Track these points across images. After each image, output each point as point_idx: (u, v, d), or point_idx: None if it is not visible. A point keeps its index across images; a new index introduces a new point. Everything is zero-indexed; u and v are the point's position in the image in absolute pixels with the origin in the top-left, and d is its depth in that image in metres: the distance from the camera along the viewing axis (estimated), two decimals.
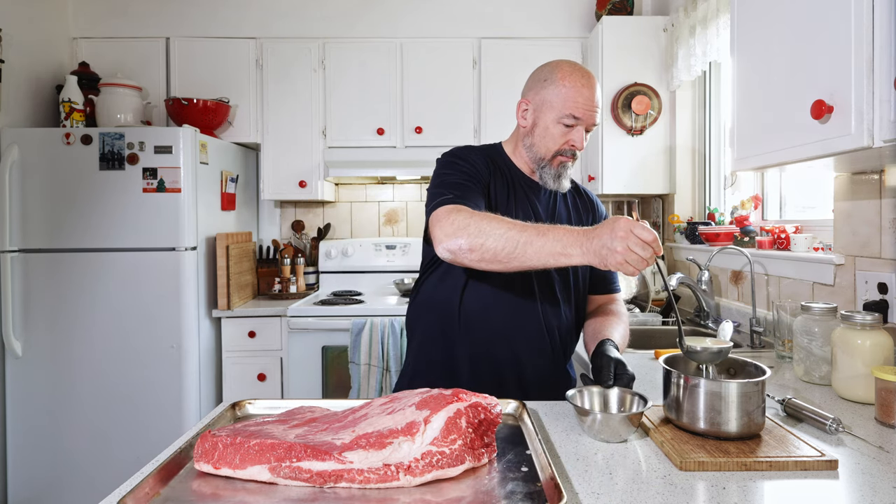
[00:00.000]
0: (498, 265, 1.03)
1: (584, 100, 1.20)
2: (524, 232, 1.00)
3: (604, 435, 0.96)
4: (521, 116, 1.29)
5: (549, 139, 1.24)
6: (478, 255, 1.03)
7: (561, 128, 1.22)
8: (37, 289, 2.40)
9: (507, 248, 1.01)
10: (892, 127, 0.95)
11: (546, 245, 0.98)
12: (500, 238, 1.01)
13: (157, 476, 0.78)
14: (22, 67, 2.60)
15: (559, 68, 1.24)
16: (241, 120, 2.91)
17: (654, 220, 2.94)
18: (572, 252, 0.97)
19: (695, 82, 2.65)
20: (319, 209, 3.30)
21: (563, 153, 1.25)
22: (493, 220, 1.03)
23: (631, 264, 0.92)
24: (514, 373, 1.27)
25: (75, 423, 2.40)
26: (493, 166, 1.28)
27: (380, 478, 0.76)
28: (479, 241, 1.02)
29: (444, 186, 1.17)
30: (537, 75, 1.28)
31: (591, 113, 1.22)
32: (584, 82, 1.21)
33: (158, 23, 2.95)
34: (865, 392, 1.15)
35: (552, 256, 0.99)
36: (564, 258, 0.98)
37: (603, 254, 0.93)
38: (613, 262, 0.93)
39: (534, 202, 1.30)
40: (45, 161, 2.39)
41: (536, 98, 1.26)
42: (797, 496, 0.78)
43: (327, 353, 2.50)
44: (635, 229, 0.92)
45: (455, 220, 1.06)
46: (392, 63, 2.92)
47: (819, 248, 1.73)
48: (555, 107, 1.22)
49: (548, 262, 0.99)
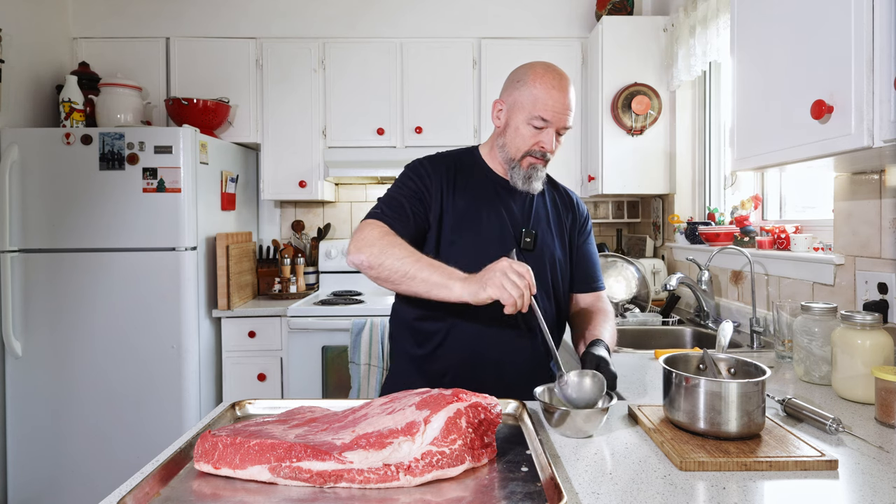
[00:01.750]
0: (390, 285, 1.14)
1: (553, 102, 1.22)
2: (417, 263, 1.10)
3: (569, 431, 0.97)
4: (495, 116, 1.32)
5: (519, 139, 1.26)
6: (375, 273, 1.14)
7: (530, 129, 1.24)
8: (37, 289, 2.40)
9: (400, 272, 1.10)
10: (892, 127, 0.95)
11: (432, 277, 1.08)
12: (397, 262, 1.11)
13: (157, 476, 0.78)
14: (22, 67, 2.60)
15: (533, 70, 1.26)
16: (241, 120, 2.91)
17: (654, 220, 2.94)
18: (452, 286, 1.06)
19: (695, 82, 2.65)
20: (319, 209, 3.30)
21: (533, 154, 1.27)
22: (396, 246, 1.13)
23: (508, 292, 0.99)
24: (495, 374, 1.27)
25: (75, 423, 2.40)
26: (458, 172, 1.31)
27: (380, 478, 0.75)
28: (379, 260, 1.12)
29: (384, 200, 1.26)
30: (513, 76, 1.30)
31: (562, 116, 1.24)
32: (555, 84, 1.23)
33: (158, 23, 2.95)
34: (865, 392, 1.15)
35: (435, 286, 1.08)
36: (445, 290, 1.07)
37: (480, 283, 1.03)
38: (491, 286, 1.01)
39: (507, 202, 1.31)
40: (45, 161, 2.39)
41: (510, 99, 1.28)
42: (797, 496, 0.78)
43: (327, 353, 2.50)
44: (513, 265, 1.02)
45: (367, 236, 1.16)
46: (392, 63, 2.92)
47: (819, 248, 1.73)
48: (525, 108, 1.24)
49: (430, 291, 1.09)
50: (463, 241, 1.26)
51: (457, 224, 1.26)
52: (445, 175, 1.29)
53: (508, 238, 1.28)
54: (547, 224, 1.34)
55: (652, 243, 2.93)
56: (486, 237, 1.27)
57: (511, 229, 1.29)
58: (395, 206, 1.23)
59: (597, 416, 0.96)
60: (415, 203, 1.24)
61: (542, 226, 1.33)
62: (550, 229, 1.35)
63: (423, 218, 1.26)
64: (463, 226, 1.26)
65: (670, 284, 2.04)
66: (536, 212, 1.34)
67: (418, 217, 1.25)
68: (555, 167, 2.90)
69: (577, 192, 2.91)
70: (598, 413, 0.96)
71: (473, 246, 1.25)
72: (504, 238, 1.28)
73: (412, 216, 1.23)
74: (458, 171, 1.31)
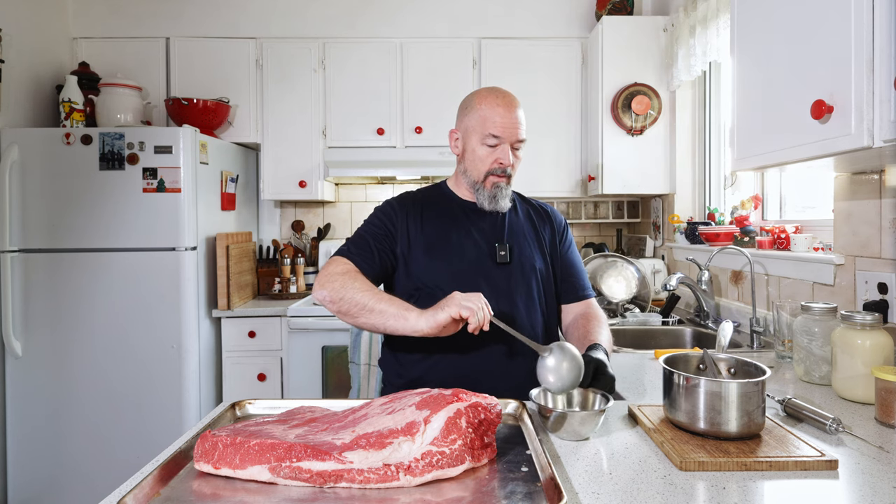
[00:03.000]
0: (350, 319, 1.18)
1: (500, 118, 1.27)
2: (375, 297, 1.15)
3: (565, 434, 0.96)
4: (453, 146, 1.38)
5: (478, 161, 1.31)
6: (336, 307, 1.19)
7: (485, 149, 1.30)
8: (37, 289, 2.40)
9: (359, 305, 1.15)
10: (892, 127, 0.95)
11: (389, 309, 1.13)
12: (355, 297, 1.16)
13: (157, 476, 0.78)
14: (22, 67, 2.60)
15: (478, 94, 1.33)
16: (241, 120, 2.91)
17: (654, 220, 2.94)
18: (408, 316, 1.11)
19: (695, 82, 2.65)
20: (319, 209, 3.30)
21: (494, 172, 1.31)
22: (356, 284, 1.18)
23: (467, 309, 1.04)
24: (489, 383, 1.26)
25: (75, 423, 2.40)
26: (424, 205, 1.36)
27: (380, 478, 0.75)
28: (339, 294, 1.18)
29: (352, 239, 1.32)
30: (462, 105, 1.36)
31: (512, 130, 1.28)
32: (499, 102, 1.29)
33: (158, 23, 2.95)
34: (865, 392, 1.15)
35: (392, 317, 1.12)
36: (402, 320, 1.11)
37: (440, 306, 1.07)
38: (450, 306, 1.05)
39: (477, 223, 1.35)
40: (45, 161, 2.39)
41: (462, 126, 1.34)
42: (797, 496, 0.78)
43: (327, 353, 2.50)
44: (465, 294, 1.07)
45: (331, 271, 1.22)
46: (392, 63, 2.92)
47: (819, 248, 1.73)
48: (476, 130, 1.30)
49: (387, 323, 1.13)
50: (437, 264, 1.29)
51: (428, 250, 1.30)
52: (412, 209, 1.35)
53: (482, 255, 1.31)
54: (524, 236, 1.37)
55: (652, 243, 2.94)
56: (460, 257, 1.30)
57: (485, 246, 1.32)
58: (360, 244, 1.30)
59: (593, 419, 0.96)
60: (380, 240, 1.31)
61: (519, 238, 1.36)
62: (528, 241, 1.37)
63: (389, 253, 1.31)
64: (435, 251, 1.30)
65: (670, 284, 2.04)
66: (510, 226, 1.37)
67: (384, 254, 1.30)
68: (555, 167, 2.91)
69: (576, 192, 2.94)
70: (594, 415, 0.96)
71: (448, 267, 1.29)
72: (479, 256, 1.31)
73: (376, 252, 1.29)
74: (426, 205, 1.37)
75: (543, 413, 0.99)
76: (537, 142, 2.88)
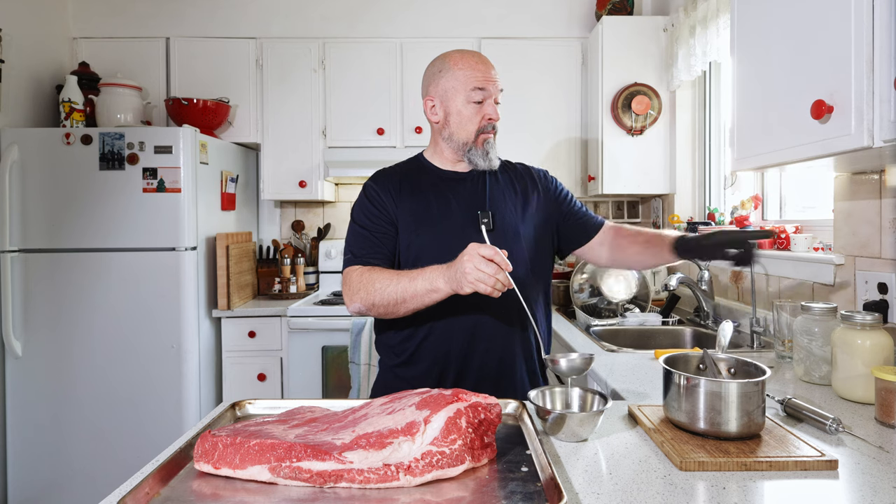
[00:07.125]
0: (392, 315, 1.19)
1: (482, 73, 1.28)
2: (399, 284, 1.14)
3: (563, 435, 0.96)
4: (431, 114, 1.35)
5: (466, 121, 1.29)
6: (375, 312, 1.20)
7: (472, 106, 1.29)
8: (37, 289, 2.40)
9: (391, 301, 1.16)
10: (892, 127, 0.95)
11: (418, 287, 1.12)
12: (384, 295, 1.16)
13: (157, 476, 0.78)
14: (22, 67, 2.60)
15: (449, 57, 1.32)
16: (241, 120, 2.91)
17: (655, 220, 2.94)
18: (438, 285, 1.09)
19: (695, 82, 2.64)
20: (319, 209, 3.30)
21: (484, 129, 1.30)
22: (377, 281, 1.18)
23: (483, 282, 1.01)
24: (493, 375, 1.27)
25: (75, 423, 2.40)
26: (402, 179, 1.34)
27: (380, 478, 0.75)
28: (370, 300, 1.18)
29: (349, 244, 1.30)
30: (430, 70, 1.35)
31: (494, 82, 1.30)
32: (476, 59, 1.30)
33: (158, 23, 2.95)
34: (865, 392, 1.15)
35: (427, 295, 1.12)
36: (435, 293, 1.11)
37: (458, 278, 1.05)
38: (466, 282, 1.03)
39: (457, 191, 1.32)
40: (45, 161, 2.39)
41: (438, 90, 1.32)
42: (797, 496, 0.78)
43: (327, 353, 2.50)
44: (479, 249, 1.02)
45: (351, 284, 1.22)
46: (392, 63, 2.92)
47: (819, 248, 1.73)
48: (458, 90, 1.28)
49: (425, 301, 1.13)
50: (422, 238, 1.28)
51: (413, 224, 1.28)
52: (392, 187, 1.33)
53: (466, 224, 1.28)
54: (504, 203, 1.33)
55: None
56: (444, 228, 1.28)
57: (468, 215, 1.30)
58: (360, 241, 1.28)
59: (591, 420, 0.96)
60: (377, 223, 1.29)
61: (501, 205, 1.32)
62: (511, 207, 1.34)
63: (390, 228, 1.29)
64: (419, 225, 1.28)
65: (670, 284, 2.04)
66: (491, 193, 1.34)
67: (385, 236, 1.28)
68: (555, 167, 2.91)
69: (576, 192, 2.94)
70: (593, 416, 0.96)
71: (434, 240, 1.27)
72: (463, 224, 1.28)
73: (378, 238, 1.28)
74: (404, 179, 1.35)
75: (542, 414, 0.98)
76: (537, 141, 2.88)
